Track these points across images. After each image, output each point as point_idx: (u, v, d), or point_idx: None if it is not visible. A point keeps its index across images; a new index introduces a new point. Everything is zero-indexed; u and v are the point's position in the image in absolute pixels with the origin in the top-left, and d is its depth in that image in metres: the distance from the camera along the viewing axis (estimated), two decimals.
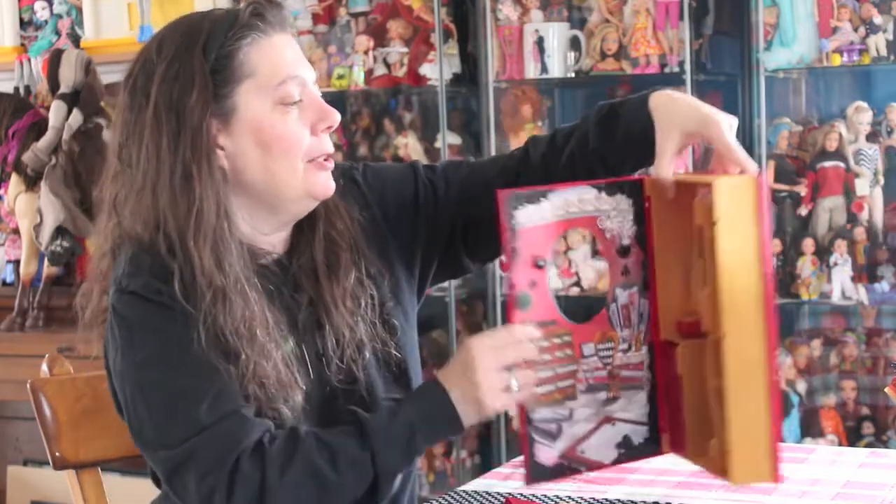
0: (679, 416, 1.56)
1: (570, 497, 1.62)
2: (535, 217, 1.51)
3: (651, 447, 1.60)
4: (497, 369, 1.48)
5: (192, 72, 1.52)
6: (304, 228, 1.64)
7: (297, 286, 1.62)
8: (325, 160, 1.58)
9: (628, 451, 1.59)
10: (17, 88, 4.18)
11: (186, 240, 1.50)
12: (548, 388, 1.53)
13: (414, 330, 1.73)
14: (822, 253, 3.23)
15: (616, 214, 1.56)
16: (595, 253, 3.45)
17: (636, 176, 1.60)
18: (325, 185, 1.58)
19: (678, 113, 1.56)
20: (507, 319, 1.52)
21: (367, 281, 1.65)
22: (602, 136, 1.65)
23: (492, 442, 3.59)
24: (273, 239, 1.62)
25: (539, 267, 1.51)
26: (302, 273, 1.62)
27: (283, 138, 1.54)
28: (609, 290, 1.57)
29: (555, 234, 1.53)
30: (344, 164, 1.73)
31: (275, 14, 1.57)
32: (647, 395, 1.59)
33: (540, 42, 3.44)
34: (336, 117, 1.58)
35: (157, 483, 1.66)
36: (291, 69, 1.56)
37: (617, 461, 1.58)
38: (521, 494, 1.64)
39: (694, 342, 1.53)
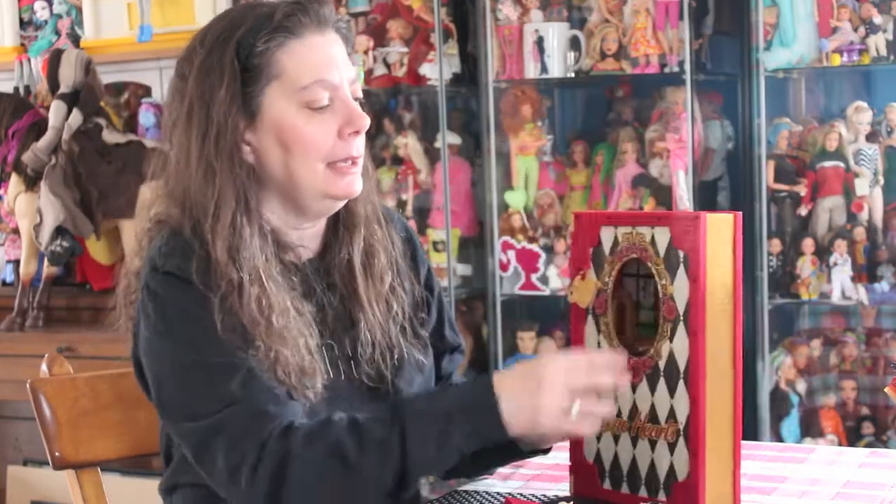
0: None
1: (569, 497, 1.62)
2: None
3: None
4: (563, 390, 1.44)
5: (223, 68, 1.55)
6: (340, 229, 1.66)
7: (331, 284, 1.64)
8: (352, 164, 1.59)
9: None
10: (17, 88, 4.18)
11: (205, 232, 1.53)
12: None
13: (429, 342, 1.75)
14: (822, 253, 3.23)
15: None
16: None
17: None
18: (346, 188, 1.59)
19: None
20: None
21: (399, 290, 1.68)
22: None
23: None
24: (304, 234, 1.64)
25: None
26: (336, 271, 1.65)
27: (304, 141, 1.56)
28: None
29: None
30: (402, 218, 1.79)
31: (312, 14, 1.58)
32: None
33: (540, 42, 3.44)
34: (364, 122, 1.59)
35: (168, 463, 1.67)
36: (319, 73, 1.57)
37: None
38: (521, 494, 1.64)
39: None
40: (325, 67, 1.57)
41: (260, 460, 1.45)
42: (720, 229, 1.47)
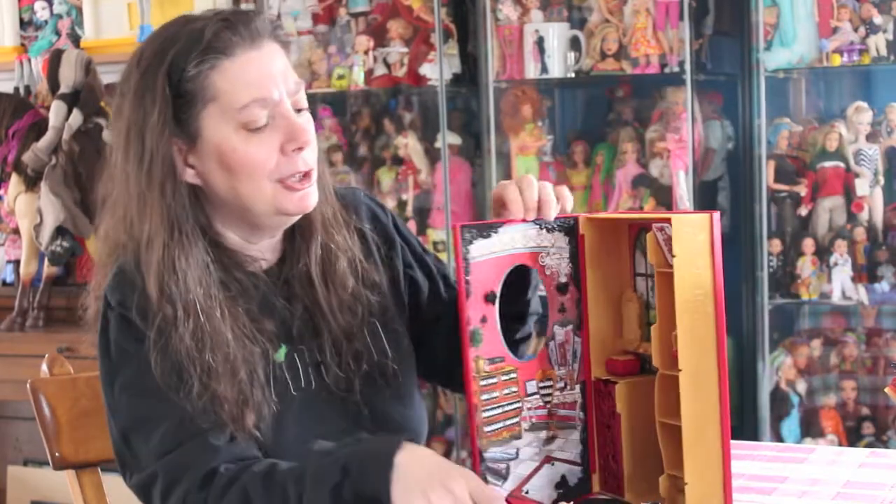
0: (613, 454, 1.57)
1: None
2: (485, 251, 1.51)
3: (584, 487, 1.61)
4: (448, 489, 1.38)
5: (154, 94, 1.50)
6: (296, 239, 1.62)
7: (291, 294, 1.61)
8: (303, 179, 1.54)
9: (565, 492, 1.59)
10: (17, 88, 4.18)
11: (140, 265, 1.51)
12: (497, 426, 1.53)
13: (407, 337, 1.71)
14: (822, 253, 3.23)
15: (555, 252, 1.57)
16: None
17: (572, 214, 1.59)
18: (298, 203, 1.55)
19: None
20: (462, 356, 1.50)
21: (365, 290, 1.64)
22: None
23: None
24: (262, 247, 1.61)
25: (489, 301, 1.51)
26: (296, 281, 1.61)
27: (246, 163, 1.51)
28: (549, 328, 1.58)
29: (503, 268, 1.53)
30: (363, 191, 1.74)
31: (243, 29, 1.52)
32: (579, 434, 1.60)
33: (540, 42, 3.44)
34: (306, 138, 1.53)
35: None
36: (256, 91, 1.51)
37: (555, 502, 1.58)
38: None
39: (634, 380, 1.54)
40: (261, 84, 1.51)
41: None
42: (694, 230, 1.44)
